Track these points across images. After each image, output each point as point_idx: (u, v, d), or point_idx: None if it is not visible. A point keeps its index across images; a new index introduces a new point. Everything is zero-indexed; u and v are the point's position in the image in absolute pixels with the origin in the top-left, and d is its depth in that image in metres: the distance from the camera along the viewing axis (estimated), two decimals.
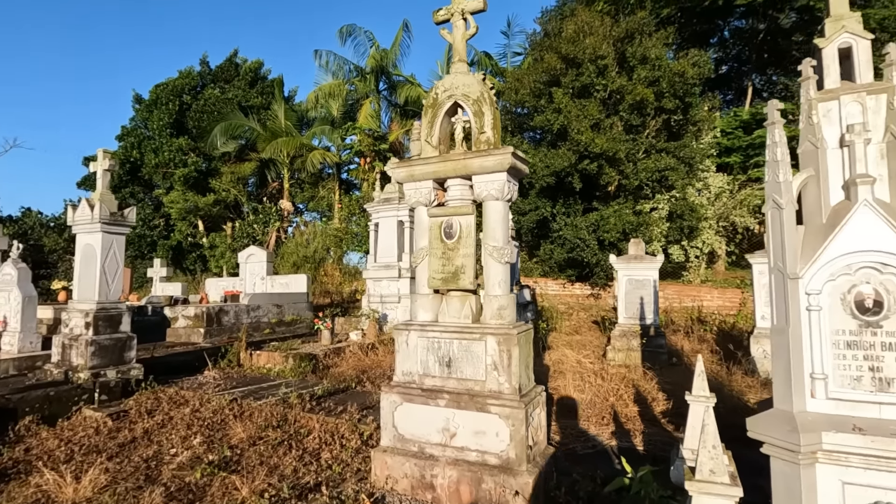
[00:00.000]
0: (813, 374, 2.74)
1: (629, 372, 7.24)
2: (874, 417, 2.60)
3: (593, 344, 10.10)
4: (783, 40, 18.62)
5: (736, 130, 17.94)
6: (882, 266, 2.65)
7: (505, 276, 3.70)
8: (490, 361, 3.54)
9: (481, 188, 3.70)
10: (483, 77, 3.82)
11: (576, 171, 14.62)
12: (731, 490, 1.68)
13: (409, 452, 3.70)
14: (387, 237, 11.02)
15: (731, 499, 1.68)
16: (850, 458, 2.59)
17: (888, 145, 2.73)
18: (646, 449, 4.44)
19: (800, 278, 2.78)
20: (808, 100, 2.92)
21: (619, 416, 5.36)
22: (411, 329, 3.89)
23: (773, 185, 2.86)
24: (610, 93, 14.90)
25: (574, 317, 14.31)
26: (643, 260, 8.42)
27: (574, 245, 15.14)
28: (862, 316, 2.68)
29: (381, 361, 7.98)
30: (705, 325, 11.88)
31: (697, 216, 15.29)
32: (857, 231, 2.68)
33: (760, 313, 7.43)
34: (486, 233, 3.73)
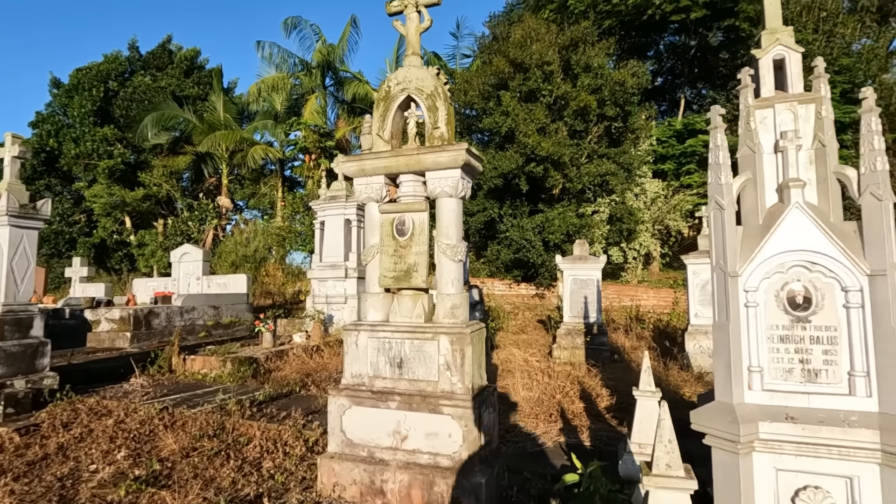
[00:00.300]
0: (750, 367, 2.88)
1: (574, 369, 7.42)
2: (804, 407, 2.76)
3: (539, 343, 10.31)
4: (711, 57, 19.96)
5: (670, 139, 19.01)
6: (811, 265, 2.82)
7: (458, 275, 3.64)
8: (443, 361, 3.46)
9: (435, 185, 3.62)
10: (437, 72, 3.75)
11: (523, 173, 14.91)
12: (687, 483, 1.70)
13: (357, 458, 3.56)
14: (333, 236, 10.71)
15: (686, 491, 1.70)
16: (783, 446, 2.74)
17: (816, 152, 2.92)
18: (593, 444, 4.53)
19: (739, 276, 2.91)
20: (746, 107, 3.07)
21: (567, 413, 5.46)
22: (361, 329, 3.74)
23: (716, 186, 2.98)
24: (555, 98, 15.32)
25: (520, 316, 14.57)
26: (587, 261, 8.68)
27: (520, 246, 15.43)
28: (793, 311, 2.85)
29: (326, 364, 7.71)
30: (642, 324, 12.47)
31: (635, 219, 16.04)
32: (790, 232, 2.85)
33: (694, 311, 7.86)
34: (439, 230, 3.66)
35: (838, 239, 2.75)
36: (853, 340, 2.72)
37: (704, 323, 7.73)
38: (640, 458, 3.25)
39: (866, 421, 2.61)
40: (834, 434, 2.63)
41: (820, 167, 2.90)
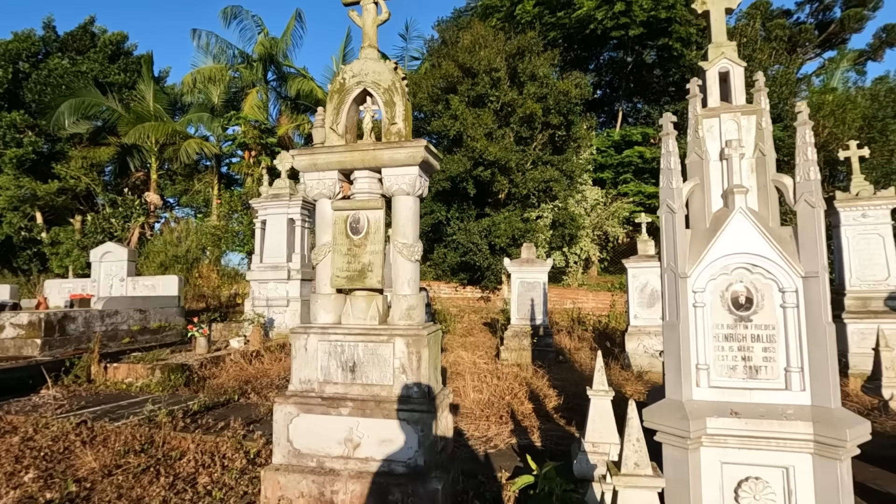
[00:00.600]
0: (698, 364, 2.99)
1: (521, 370, 7.52)
2: (746, 402, 2.90)
3: (486, 345, 10.38)
4: (646, 73, 21.15)
5: (608, 149, 19.91)
6: (752, 266, 2.98)
7: (415, 275, 3.54)
8: (398, 365, 3.34)
9: (391, 182, 3.51)
10: (395, 66, 3.65)
11: (470, 177, 15.02)
12: (655, 482, 1.71)
13: (306, 469, 3.35)
14: (275, 236, 10.24)
15: (654, 489, 1.71)
16: (727, 440, 2.87)
17: (757, 161, 3.10)
18: (544, 445, 4.57)
19: (688, 277, 3.03)
20: (695, 115, 3.21)
21: (517, 414, 5.49)
22: (310, 332, 3.54)
23: (667, 190, 3.09)
24: (502, 104, 15.59)
25: (466, 319, 14.63)
26: (534, 264, 8.84)
27: (467, 249, 15.52)
28: (737, 311, 3.00)
29: (267, 370, 7.32)
30: (583, 325, 12.90)
31: (577, 225, 16.62)
32: (734, 235, 3.00)
33: (634, 313, 8.20)
34: (395, 229, 3.54)
35: (776, 243, 2.92)
36: (789, 338, 2.90)
37: (643, 324, 8.08)
38: (594, 457, 3.30)
39: (801, 413, 2.78)
40: (773, 427, 2.78)
41: (760, 175, 3.08)
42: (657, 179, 20.03)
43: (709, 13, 3.34)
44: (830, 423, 2.67)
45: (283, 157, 10.58)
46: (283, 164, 10.48)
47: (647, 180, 19.08)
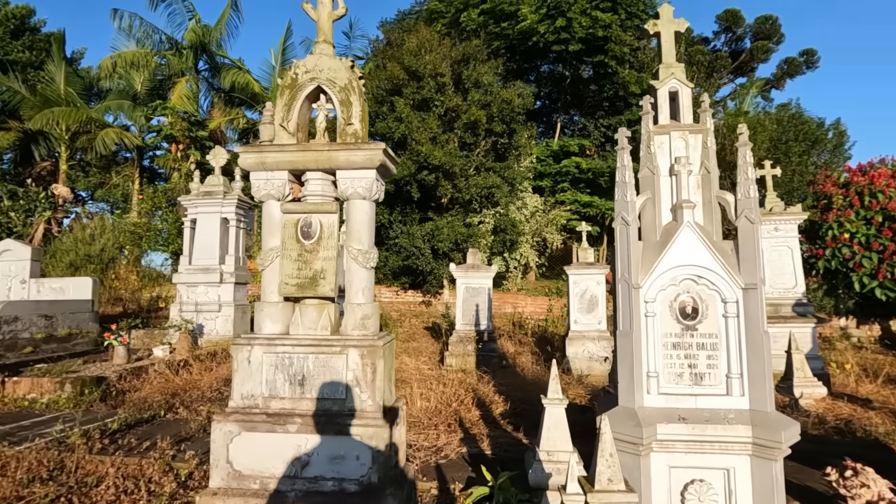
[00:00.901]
0: (649, 372, 3.10)
1: (467, 376, 7.51)
2: (692, 407, 3.04)
3: (429, 350, 10.30)
4: (583, 87, 22.12)
5: (547, 159, 20.59)
6: (698, 278, 3.14)
7: (370, 283, 3.40)
8: (352, 377, 3.18)
9: (347, 185, 3.35)
10: (352, 64, 3.49)
11: (415, 180, 14.94)
12: (629, 497, 1.71)
13: (248, 492, 3.10)
14: (207, 236, 9.58)
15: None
16: (675, 445, 2.99)
17: (703, 178, 3.27)
18: (494, 452, 4.56)
19: (640, 288, 3.13)
20: (647, 132, 3.34)
21: (465, 422, 5.46)
22: (255, 343, 3.29)
23: (622, 203, 3.18)
24: (447, 110, 15.65)
25: (407, 324, 14.49)
26: (480, 270, 8.91)
27: (410, 253, 15.40)
28: (684, 321, 3.14)
29: (197, 381, 6.80)
30: (523, 329, 13.19)
31: (517, 231, 17.01)
32: (682, 248, 3.14)
33: (574, 318, 8.47)
34: (349, 235, 3.38)
35: (720, 256, 3.09)
36: (730, 346, 3.07)
37: (583, 329, 8.37)
38: (549, 466, 3.31)
39: (741, 417, 2.95)
40: (717, 431, 2.92)
41: (705, 191, 3.25)
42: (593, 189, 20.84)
43: (660, 34, 3.49)
44: (767, 426, 2.86)
45: (217, 153, 9.93)
46: (217, 160, 9.84)
47: (583, 190, 19.93)
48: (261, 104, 21.49)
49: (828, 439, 5.11)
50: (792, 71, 27.93)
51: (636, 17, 19.18)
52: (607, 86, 20.34)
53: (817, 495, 3.56)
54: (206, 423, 4.88)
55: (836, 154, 20.95)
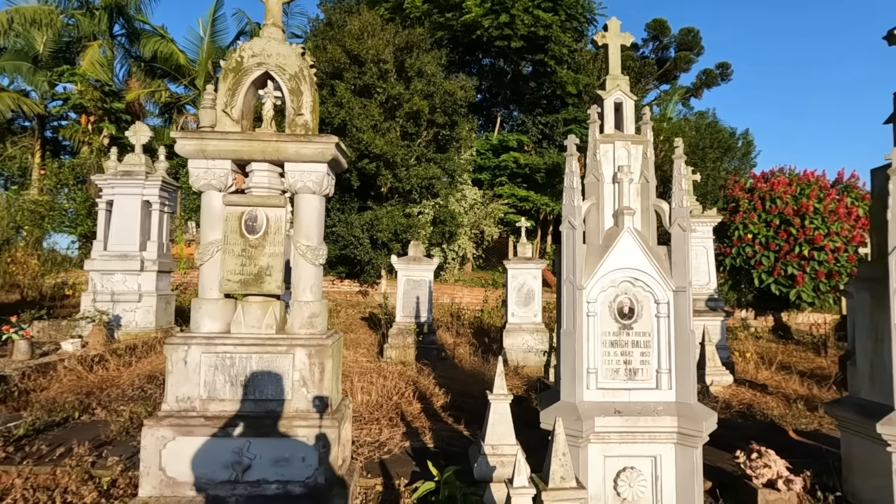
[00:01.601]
0: (589, 368, 3.28)
1: (407, 368, 7.54)
2: (626, 401, 3.27)
3: (367, 342, 10.21)
4: (523, 84, 22.61)
5: (487, 152, 20.91)
6: (635, 280, 3.36)
7: (318, 280, 3.31)
8: (298, 377, 3.10)
9: (296, 178, 3.22)
10: (303, 51, 3.35)
11: (355, 168, 14.61)
12: (580, 493, 1.82)
13: (183, 499, 2.94)
14: (126, 220, 8.81)
15: (580, 500, 1.82)
16: (610, 436, 3.20)
17: (642, 186, 3.48)
18: (437, 446, 4.63)
19: (584, 289, 3.30)
20: (594, 140, 3.49)
21: (406, 415, 5.49)
22: (192, 343, 3.11)
23: (570, 208, 3.32)
24: (389, 98, 15.40)
25: (343, 314, 14.25)
26: (421, 262, 8.92)
27: (347, 242, 15.10)
28: (622, 320, 3.35)
29: (116, 378, 6.29)
30: (461, 320, 13.41)
31: (456, 223, 17.19)
32: (622, 252, 3.34)
33: (511, 311, 8.75)
34: (298, 230, 3.27)
35: (655, 260, 3.32)
36: (661, 344, 3.33)
37: (520, 321, 8.67)
38: (493, 460, 3.43)
39: (668, 409, 3.21)
40: (647, 423, 3.16)
41: (644, 199, 3.46)
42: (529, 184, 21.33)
43: (607, 46, 3.65)
44: (691, 417, 3.14)
45: (139, 129, 9.13)
46: (138, 137, 9.05)
47: (520, 184, 20.47)
48: (186, 77, 19.99)
49: (733, 423, 5.68)
50: (709, 81, 30.26)
51: (575, 19, 19.86)
52: (546, 84, 20.95)
53: (727, 475, 3.97)
54: (130, 425, 4.54)
55: (744, 161, 23.07)
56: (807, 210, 13.17)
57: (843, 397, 3.87)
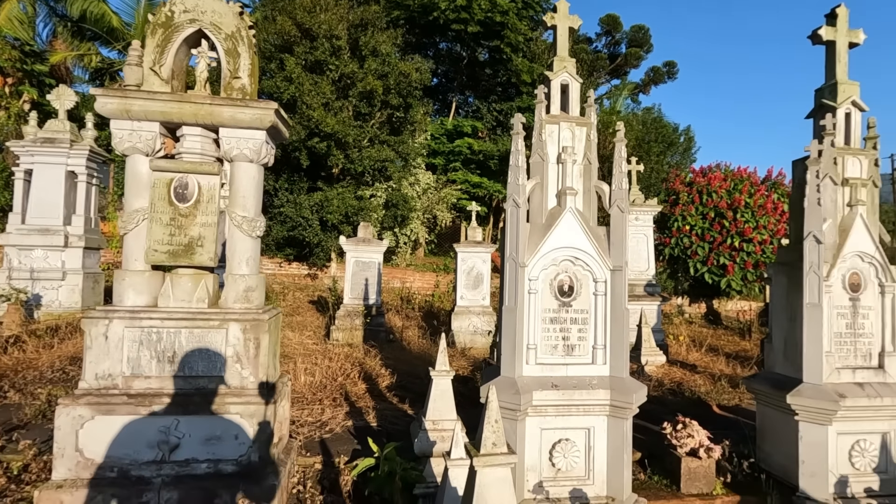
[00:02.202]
0: (529, 344, 3.35)
1: (354, 350, 7.45)
2: (563, 375, 3.37)
3: (314, 325, 10.00)
4: (479, 70, 22.59)
5: (441, 137, 20.81)
6: (575, 259, 3.45)
7: (255, 253, 3.17)
8: (232, 353, 2.97)
9: (232, 145, 3.05)
10: (241, 10, 3.15)
11: (305, 147, 14.13)
12: (510, 458, 1.85)
13: (103, 481, 2.77)
14: (47, 191, 8.12)
15: (509, 465, 1.85)
16: (547, 409, 3.30)
17: (584, 168, 3.56)
18: (380, 425, 4.62)
19: (526, 267, 3.35)
20: (540, 120, 3.53)
21: (351, 396, 5.43)
22: (114, 317, 2.91)
23: (514, 186, 3.35)
24: (342, 76, 14.95)
25: (291, 297, 13.88)
26: (371, 243, 8.80)
27: (296, 224, 14.65)
28: (561, 298, 3.44)
29: (34, 360, 5.83)
30: (411, 304, 13.40)
31: (409, 207, 17.05)
32: (563, 232, 3.41)
33: (460, 294, 8.81)
34: (233, 200, 3.11)
35: (595, 240, 3.42)
36: (597, 321, 3.44)
37: (468, 304, 8.75)
38: (434, 435, 3.45)
39: (602, 383, 3.34)
40: (583, 396, 3.28)
41: (586, 180, 3.54)
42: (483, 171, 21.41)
43: (556, 28, 3.67)
44: (623, 390, 3.28)
45: (63, 93, 8.39)
46: (63, 102, 8.32)
47: (474, 171, 20.55)
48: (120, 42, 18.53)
49: (664, 399, 6.02)
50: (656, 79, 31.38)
51: (531, 7, 19.95)
52: (501, 71, 21.02)
53: (655, 446, 4.20)
54: (47, 408, 4.22)
55: (685, 156, 24.24)
56: (739, 204, 14.02)
57: (760, 372, 4.18)
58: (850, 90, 3.88)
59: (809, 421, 3.54)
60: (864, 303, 3.80)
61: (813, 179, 3.62)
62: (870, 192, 3.84)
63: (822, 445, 3.50)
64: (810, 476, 3.51)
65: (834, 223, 3.80)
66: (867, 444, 3.66)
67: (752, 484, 3.78)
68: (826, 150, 3.70)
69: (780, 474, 3.78)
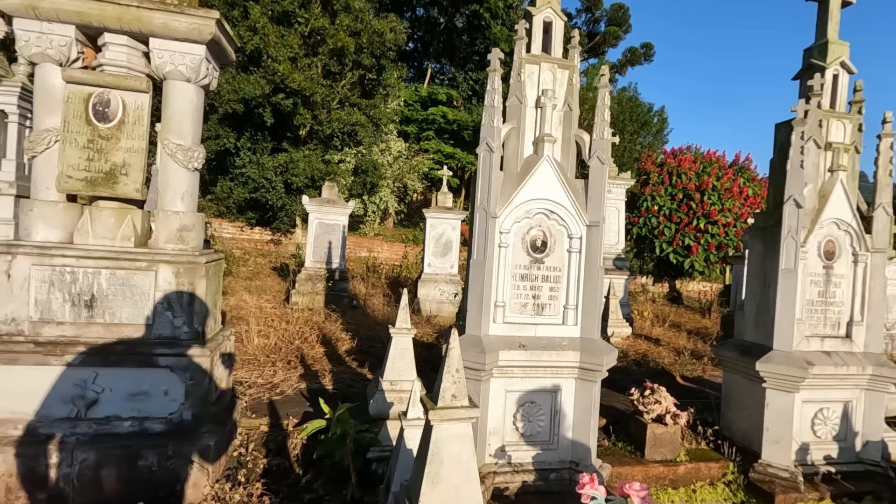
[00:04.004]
0: (497, 302, 3.12)
1: (314, 315, 7.13)
2: (532, 336, 3.15)
3: (274, 289, 9.58)
4: (456, 37, 21.90)
5: (415, 104, 20.17)
6: (550, 213, 3.20)
7: (192, 187, 2.79)
8: (162, 298, 2.61)
9: (165, 59, 2.63)
10: None
11: (269, 103, 13.35)
12: (472, 412, 1.61)
13: (4, 440, 2.40)
14: None
15: (470, 420, 1.61)
16: (513, 371, 3.09)
17: (565, 114, 3.29)
18: (336, 388, 4.35)
19: (497, 218, 3.08)
20: (519, 58, 3.21)
21: (307, 359, 5.14)
22: (18, 252, 2.49)
23: (489, 128, 3.05)
24: (312, 31, 14.13)
25: (252, 262, 13.32)
26: (335, 205, 8.37)
27: (259, 185, 13.97)
28: (533, 254, 3.20)
29: None
30: (377, 274, 13.07)
31: (379, 174, 16.53)
32: (539, 182, 3.15)
33: (428, 261, 8.54)
34: (167, 125, 2.70)
35: (572, 193, 3.18)
36: (570, 279, 3.23)
37: (435, 271, 8.50)
38: (391, 395, 3.20)
39: (573, 345, 3.14)
40: (552, 357, 3.08)
41: (566, 128, 3.28)
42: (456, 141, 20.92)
43: None
44: (593, 352, 3.10)
45: None
46: None
47: (447, 140, 20.09)
48: None
49: (629, 370, 5.98)
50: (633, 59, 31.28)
51: None
52: (479, 39, 20.42)
53: (620, 413, 4.10)
54: None
55: (657, 137, 24.41)
56: (707, 186, 14.17)
57: (729, 340, 4.10)
58: (840, 50, 3.72)
59: (777, 388, 3.47)
60: (836, 271, 3.73)
61: (797, 141, 3.47)
62: (851, 158, 3.73)
63: (788, 413, 3.45)
64: (774, 443, 3.46)
65: (814, 188, 3.69)
66: (830, 413, 3.64)
67: (715, 451, 3.73)
68: (812, 111, 3.55)
69: (742, 442, 3.74)
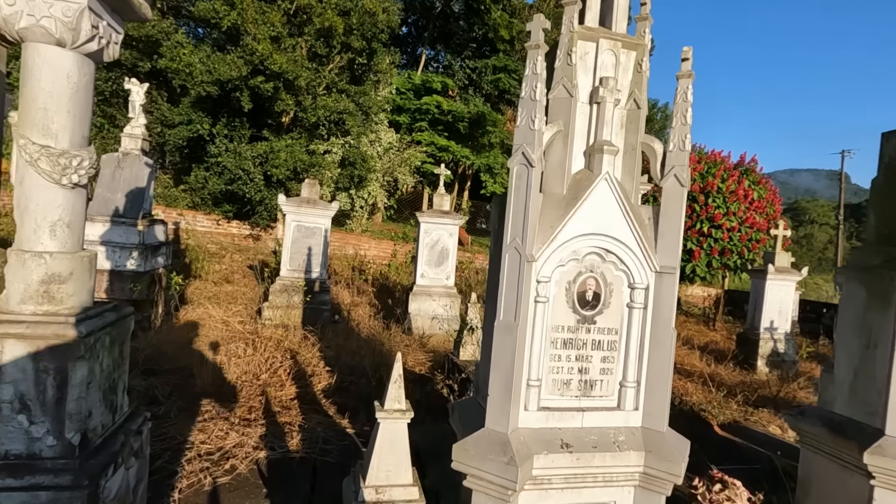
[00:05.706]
0: (531, 380, 2.19)
1: (288, 334, 6.12)
2: (577, 427, 2.24)
3: (247, 296, 8.55)
4: (452, 23, 20.77)
5: (408, 92, 19.05)
6: (605, 253, 2.27)
7: (72, 213, 1.79)
8: (10, 396, 1.63)
9: (20, 6, 1.62)
10: None
11: (247, 87, 12.18)
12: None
13: None
14: None
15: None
16: (552, 480, 2.17)
17: (629, 114, 2.34)
18: (306, 452, 3.40)
19: (535, 261, 2.14)
20: (570, 31, 2.25)
21: (274, 404, 4.18)
22: None
23: (527, 132, 2.09)
24: (297, 9, 12.94)
25: (227, 259, 12.23)
26: (317, 205, 7.34)
27: (235, 176, 12.83)
28: (582, 310, 2.27)
29: None
30: (364, 275, 12.08)
31: (368, 167, 15.47)
32: (593, 210, 2.20)
33: (421, 271, 7.59)
34: (26, 115, 1.70)
35: (637, 227, 2.25)
36: (630, 346, 2.31)
37: (429, 283, 7.56)
38: None
39: (632, 441, 2.23)
40: (605, 461, 2.16)
41: (630, 133, 2.33)
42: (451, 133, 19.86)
43: None
44: (662, 454, 2.19)
45: None
46: None
47: (441, 132, 19.03)
48: None
49: None
50: None
51: None
52: (477, 25, 19.33)
53: None
54: None
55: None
56: (711, 188, 13.40)
57: (809, 408, 3.24)
58: None
59: (889, 488, 2.62)
60: None
61: None
62: None
63: None
64: None
65: None
66: None
67: None
68: None
69: None
